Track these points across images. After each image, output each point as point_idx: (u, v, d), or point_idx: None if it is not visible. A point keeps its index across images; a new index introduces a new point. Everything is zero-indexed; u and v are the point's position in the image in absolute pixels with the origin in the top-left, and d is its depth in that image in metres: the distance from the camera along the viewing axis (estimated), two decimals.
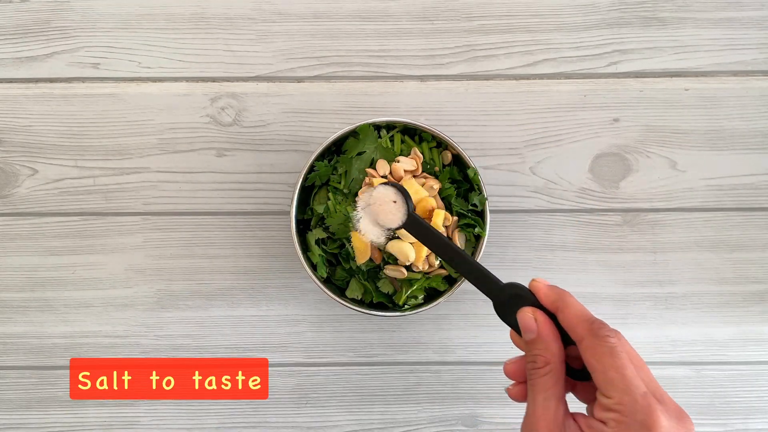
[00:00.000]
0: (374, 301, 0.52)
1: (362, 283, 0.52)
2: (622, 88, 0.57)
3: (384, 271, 0.51)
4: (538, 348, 0.38)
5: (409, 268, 0.51)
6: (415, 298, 0.52)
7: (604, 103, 0.57)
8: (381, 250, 0.51)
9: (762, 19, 0.57)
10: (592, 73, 0.57)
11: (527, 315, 0.39)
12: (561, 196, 0.57)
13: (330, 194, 0.51)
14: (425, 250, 0.50)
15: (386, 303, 0.52)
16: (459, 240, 0.51)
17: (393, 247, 0.49)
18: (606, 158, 0.57)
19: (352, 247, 0.50)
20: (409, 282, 0.51)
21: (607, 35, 0.56)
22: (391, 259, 0.51)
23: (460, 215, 0.51)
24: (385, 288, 0.51)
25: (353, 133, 0.51)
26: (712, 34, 0.56)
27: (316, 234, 0.52)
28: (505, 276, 0.56)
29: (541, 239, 0.57)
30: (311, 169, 0.51)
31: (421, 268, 0.50)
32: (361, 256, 0.50)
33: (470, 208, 0.51)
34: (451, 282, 0.52)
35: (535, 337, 0.39)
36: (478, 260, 0.50)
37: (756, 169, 0.57)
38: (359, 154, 0.51)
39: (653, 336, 0.57)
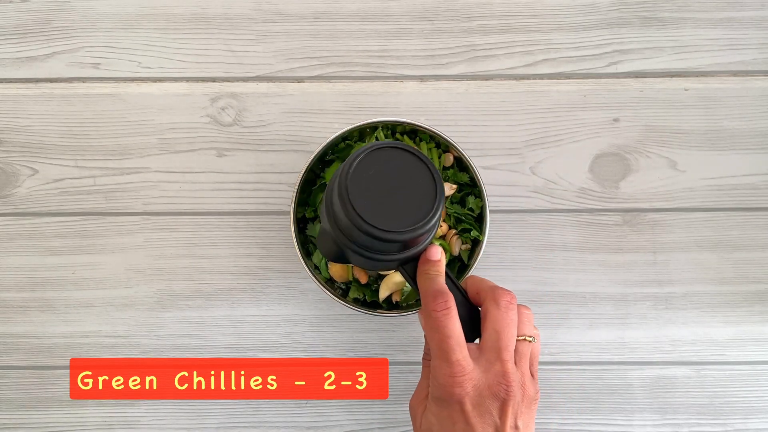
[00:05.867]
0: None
1: (360, 289, 0.52)
2: (622, 88, 0.57)
3: (379, 283, 0.51)
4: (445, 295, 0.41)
5: None
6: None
7: (604, 103, 0.57)
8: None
9: (762, 19, 0.57)
10: (592, 73, 0.57)
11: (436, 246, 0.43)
12: (561, 196, 0.57)
13: None
14: None
15: (386, 303, 0.52)
16: (455, 246, 0.51)
17: (384, 287, 0.50)
18: (606, 158, 0.57)
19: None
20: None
21: (607, 35, 0.56)
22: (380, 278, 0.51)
23: (458, 220, 0.51)
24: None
25: (353, 134, 0.51)
26: (712, 34, 0.56)
27: (317, 227, 0.51)
28: (505, 276, 0.56)
29: (541, 239, 0.57)
30: (311, 169, 0.51)
31: None
32: (340, 277, 0.51)
33: (467, 212, 0.51)
34: None
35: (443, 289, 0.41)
36: (476, 263, 0.50)
37: (756, 169, 0.57)
38: None
39: (653, 336, 0.57)
